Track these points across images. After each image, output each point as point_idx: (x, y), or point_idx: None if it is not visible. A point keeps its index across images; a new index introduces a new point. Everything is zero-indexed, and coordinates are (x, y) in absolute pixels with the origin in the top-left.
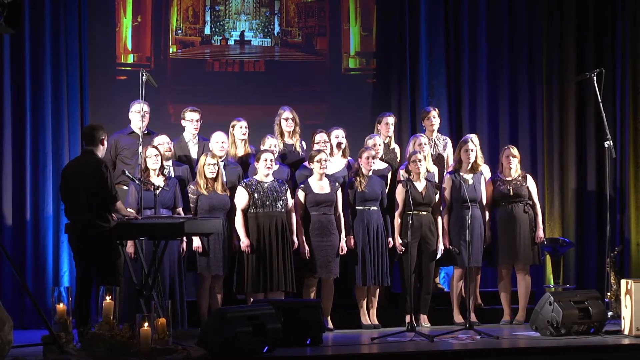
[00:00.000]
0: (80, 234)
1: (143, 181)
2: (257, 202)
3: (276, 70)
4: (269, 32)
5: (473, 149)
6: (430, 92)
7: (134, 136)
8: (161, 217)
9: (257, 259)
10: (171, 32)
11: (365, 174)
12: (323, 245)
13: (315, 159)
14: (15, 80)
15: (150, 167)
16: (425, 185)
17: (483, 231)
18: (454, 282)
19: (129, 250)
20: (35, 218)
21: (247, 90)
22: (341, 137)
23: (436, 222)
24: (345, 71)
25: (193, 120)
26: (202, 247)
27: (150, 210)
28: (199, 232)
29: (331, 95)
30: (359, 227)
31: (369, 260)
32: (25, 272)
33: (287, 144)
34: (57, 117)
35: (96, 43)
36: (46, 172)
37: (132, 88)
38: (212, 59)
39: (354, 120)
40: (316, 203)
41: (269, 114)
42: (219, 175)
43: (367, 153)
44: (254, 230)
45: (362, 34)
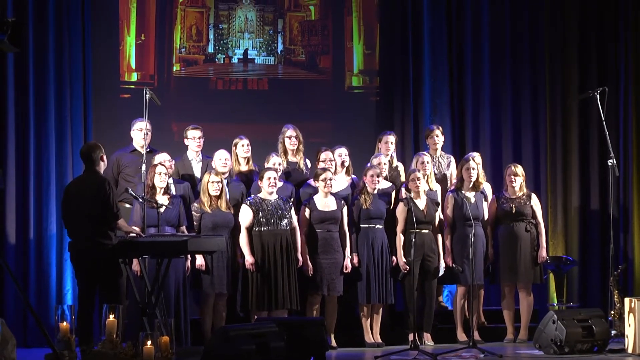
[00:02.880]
0: (82, 251)
1: (146, 199)
2: (262, 220)
3: (280, 88)
4: (273, 50)
5: (475, 167)
6: (434, 110)
7: (136, 154)
8: (164, 235)
9: (262, 277)
10: (175, 51)
11: (370, 192)
12: (327, 263)
13: (321, 178)
14: (19, 99)
15: (157, 185)
16: (427, 203)
17: (485, 249)
18: (457, 300)
19: (135, 268)
20: (38, 236)
21: (251, 109)
22: (345, 155)
23: (437, 240)
24: (348, 89)
25: (195, 137)
26: (206, 265)
27: (154, 228)
28: (202, 250)
29: (334, 114)
30: (364, 245)
31: (373, 278)
32: (29, 290)
33: (291, 162)
34: (60, 136)
35: (100, 61)
36: (49, 191)
37: (136, 106)
38: (216, 77)
39: (357, 139)
40: (321, 220)
41: (272, 132)
42: (223, 192)
43: (372, 171)
44: (258, 248)
45: (366, 52)
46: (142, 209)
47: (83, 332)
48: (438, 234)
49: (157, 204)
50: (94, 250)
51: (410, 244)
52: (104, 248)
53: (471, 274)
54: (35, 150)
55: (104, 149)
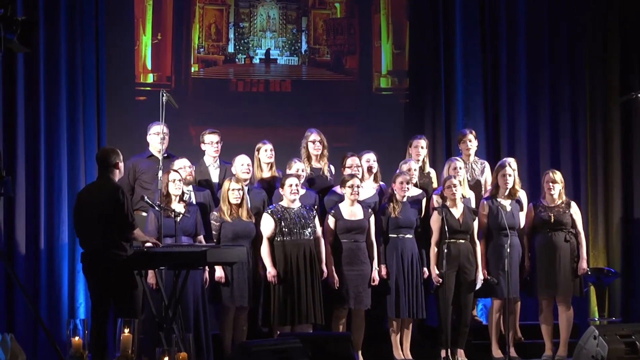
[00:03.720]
0: (95, 262)
1: (163, 207)
2: (284, 229)
3: (303, 90)
4: (296, 50)
5: (511, 174)
6: (466, 113)
7: (153, 160)
8: (182, 245)
9: (284, 290)
10: (193, 51)
11: (399, 200)
12: (354, 275)
13: (347, 184)
14: (29, 102)
15: (172, 192)
16: (462, 211)
17: (521, 260)
18: (492, 314)
19: (150, 281)
20: (49, 246)
21: (273, 112)
22: (372, 161)
23: (475, 251)
24: (376, 91)
25: (213, 142)
26: (226, 277)
27: (170, 238)
28: (222, 262)
29: (361, 117)
30: (392, 256)
31: (402, 290)
32: (39, 303)
33: (315, 167)
34: (72, 140)
35: (114, 62)
36: (61, 198)
37: (152, 109)
38: (236, 79)
39: (386, 143)
40: (347, 230)
41: (295, 137)
42: (244, 200)
43: (401, 178)
44: (280, 259)
45: (394, 51)
46: (159, 218)
47: (96, 348)
48: (476, 244)
49: (175, 212)
50: (108, 262)
51: (444, 255)
52: (118, 259)
53: (507, 287)
54: (46, 155)
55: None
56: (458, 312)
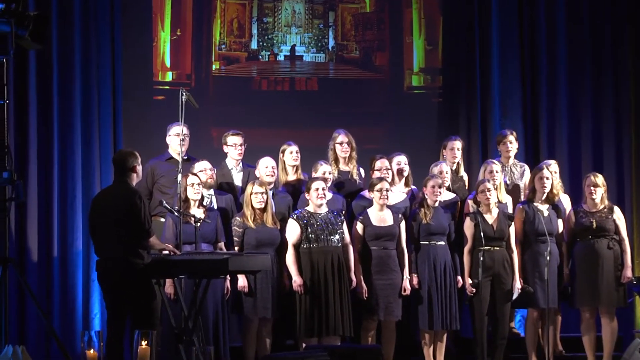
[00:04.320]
0: (111, 271)
1: (182, 213)
2: (311, 236)
3: (330, 88)
4: (323, 46)
5: (549, 177)
6: (504, 113)
7: (172, 162)
8: (202, 253)
9: (311, 300)
10: (214, 47)
11: (431, 205)
12: (384, 284)
13: (376, 188)
14: (42, 102)
15: (190, 197)
16: (497, 217)
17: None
18: (530, 325)
19: (168, 290)
20: (63, 254)
21: (298, 112)
22: (403, 163)
23: (511, 259)
24: (407, 90)
25: (236, 144)
26: (249, 287)
27: (190, 245)
28: (245, 270)
29: (392, 117)
30: (424, 264)
31: (435, 301)
32: (52, 314)
33: (343, 171)
34: (87, 142)
35: (131, 59)
36: (75, 204)
37: (171, 109)
38: (260, 77)
39: (417, 145)
40: (376, 237)
41: (322, 138)
42: (268, 205)
43: (433, 181)
44: (307, 267)
45: (427, 48)
46: (178, 224)
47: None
48: (513, 252)
49: (194, 218)
50: (124, 270)
51: (479, 263)
52: (136, 267)
53: (545, 297)
54: (59, 158)
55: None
56: (494, 323)
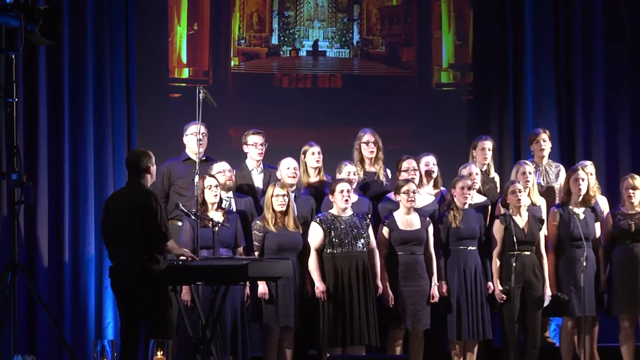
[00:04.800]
0: (125, 277)
1: (199, 216)
2: (334, 240)
3: (355, 85)
4: (347, 41)
5: (584, 178)
6: (537, 111)
7: (189, 163)
8: (221, 258)
9: (334, 308)
10: (233, 42)
11: (460, 208)
12: (411, 291)
13: (402, 190)
14: (52, 100)
15: (208, 200)
16: (528, 220)
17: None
18: (565, 335)
19: (184, 297)
20: (74, 260)
21: (321, 110)
22: (432, 164)
23: (541, 264)
24: (436, 87)
25: (257, 144)
26: (270, 294)
27: (207, 250)
28: (265, 276)
29: (420, 115)
30: (454, 270)
31: (465, 309)
32: (63, 323)
33: (369, 172)
34: (100, 142)
35: (146, 55)
36: (87, 207)
37: (187, 107)
38: (281, 73)
39: (447, 145)
40: (403, 241)
41: (346, 138)
42: (290, 208)
43: (462, 183)
44: (330, 273)
45: (456, 43)
46: (195, 228)
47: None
48: (543, 257)
49: (213, 221)
50: (139, 276)
51: (510, 269)
52: (151, 273)
53: (581, 305)
54: (70, 159)
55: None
56: (525, 332)
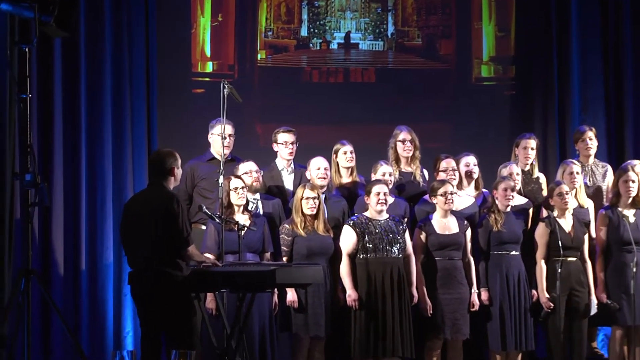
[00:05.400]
0: (145, 284)
1: (224, 219)
2: (368, 245)
3: (390, 80)
4: (381, 33)
5: (635, 180)
6: (584, 107)
7: (214, 163)
8: (247, 264)
9: (367, 316)
10: (259, 34)
11: (502, 210)
12: (449, 299)
13: (439, 192)
14: (68, 96)
15: (234, 202)
16: (573, 224)
17: None
18: (614, 345)
19: (209, 306)
20: (92, 266)
21: (354, 106)
22: (472, 164)
23: (586, 270)
24: (476, 81)
25: (287, 143)
26: (299, 302)
27: (233, 255)
28: (294, 283)
29: (459, 112)
30: (495, 277)
31: (508, 318)
32: (80, 332)
33: (404, 172)
34: (118, 141)
35: (167, 49)
36: (105, 210)
37: (211, 104)
38: (311, 67)
39: (487, 143)
40: (440, 246)
41: (380, 136)
42: (320, 211)
43: (504, 184)
44: (363, 280)
45: (498, 34)
46: (220, 232)
47: None
48: (587, 263)
49: (238, 225)
50: (161, 283)
51: (555, 275)
52: (173, 280)
53: (632, 313)
54: (87, 159)
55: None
56: (571, 342)
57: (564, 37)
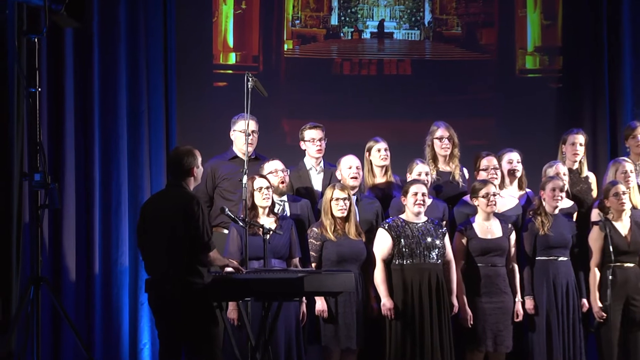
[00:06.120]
0: (163, 292)
1: (248, 222)
2: (404, 250)
3: (427, 72)
4: (418, 21)
5: None
6: (637, 101)
7: (236, 162)
8: (273, 270)
9: (403, 327)
10: (286, 23)
11: (550, 212)
12: (492, 308)
13: (481, 194)
14: (80, 90)
15: (258, 204)
16: (630, 227)
17: None
18: None
19: (231, 315)
20: (106, 272)
21: (388, 100)
22: (516, 162)
23: None
24: (520, 73)
25: (315, 139)
26: (329, 312)
27: (258, 261)
28: (324, 291)
29: (501, 106)
30: (542, 284)
31: (555, 329)
32: (93, 344)
33: (443, 171)
34: (134, 138)
35: (186, 39)
36: (120, 212)
37: (234, 98)
38: (341, 59)
39: (532, 140)
40: (482, 252)
41: (417, 132)
42: (352, 213)
43: (552, 184)
44: (399, 288)
45: (544, 22)
46: (243, 236)
47: None
48: None
49: (264, 228)
50: (180, 291)
51: (608, 283)
52: (193, 288)
53: None
54: (101, 157)
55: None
56: (627, 356)
57: (615, 25)
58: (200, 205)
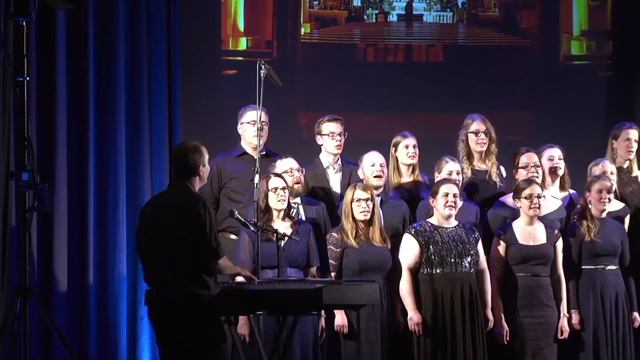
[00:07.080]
0: (165, 305)
1: (261, 227)
2: (434, 257)
3: (460, 59)
4: (450, 2)
5: None
6: None
7: (246, 159)
8: (288, 280)
9: (433, 343)
10: (303, 5)
11: (597, 216)
12: (533, 323)
13: (524, 194)
14: (73, 79)
15: (273, 206)
16: None
17: None
18: None
19: (241, 331)
20: (101, 281)
21: (417, 90)
22: (557, 159)
23: None
24: (565, 60)
25: (333, 134)
26: (350, 326)
27: (271, 270)
28: (345, 304)
29: (543, 97)
30: (588, 296)
31: (604, 345)
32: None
33: (478, 170)
34: (133, 133)
35: (193, 23)
36: (117, 215)
37: (245, 88)
38: (365, 44)
39: (578, 134)
40: (523, 260)
41: (449, 126)
42: (375, 217)
43: (599, 184)
44: (428, 300)
45: (591, 4)
46: (255, 242)
47: None
48: None
49: (278, 234)
50: (184, 303)
51: None
52: (199, 300)
53: None
54: (96, 154)
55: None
56: None
57: None
58: (207, 207)
